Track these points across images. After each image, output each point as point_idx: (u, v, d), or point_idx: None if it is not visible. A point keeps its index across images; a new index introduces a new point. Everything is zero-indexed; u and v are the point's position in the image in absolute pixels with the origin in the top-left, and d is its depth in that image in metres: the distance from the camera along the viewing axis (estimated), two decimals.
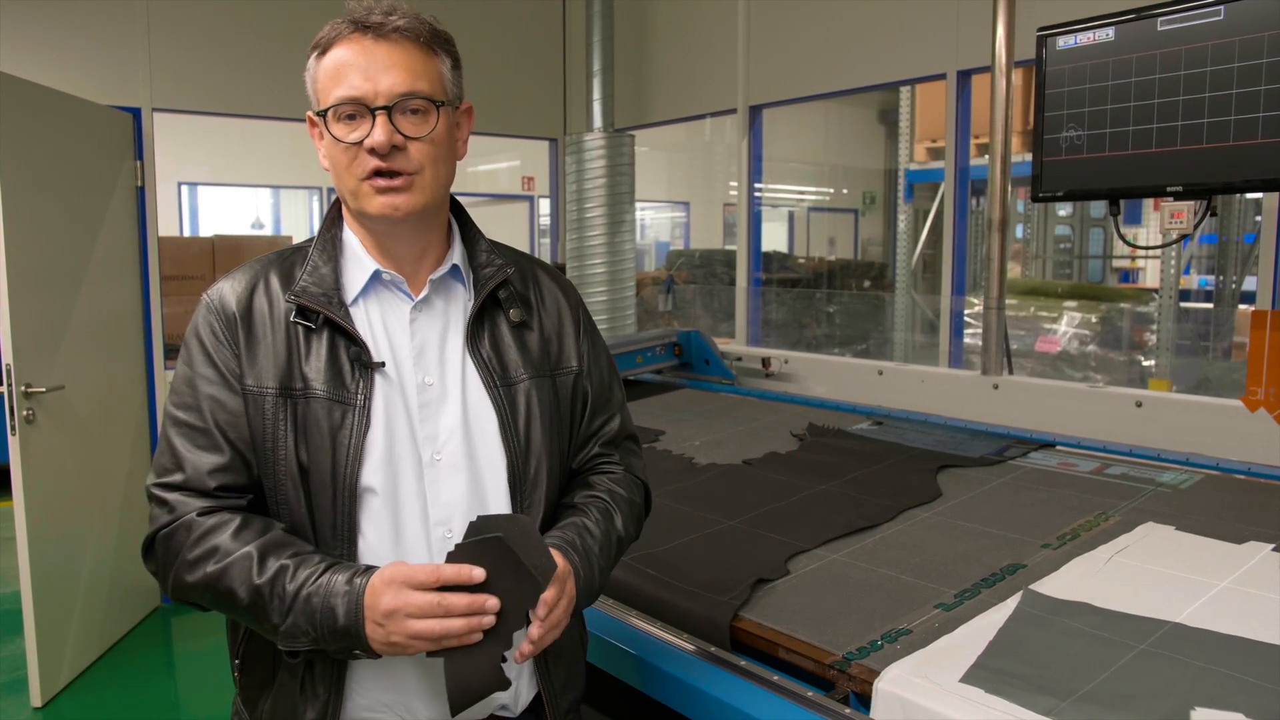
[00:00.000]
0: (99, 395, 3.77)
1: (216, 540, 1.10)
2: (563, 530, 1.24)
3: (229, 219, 10.41)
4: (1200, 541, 1.71)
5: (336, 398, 1.15)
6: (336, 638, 1.07)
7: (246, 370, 1.16)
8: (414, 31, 1.17)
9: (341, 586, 1.07)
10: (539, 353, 1.29)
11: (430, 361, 1.22)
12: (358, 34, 1.15)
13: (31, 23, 4.08)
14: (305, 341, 1.18)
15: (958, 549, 1.74)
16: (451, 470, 1.20)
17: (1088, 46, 2.21)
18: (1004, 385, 2.80)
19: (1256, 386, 2.22)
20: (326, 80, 1.16)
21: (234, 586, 1.09)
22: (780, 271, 7.90)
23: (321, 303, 1.18)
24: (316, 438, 1.15)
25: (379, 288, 1.23)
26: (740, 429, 2.75)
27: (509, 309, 1.28)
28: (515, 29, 5.69)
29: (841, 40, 4.45)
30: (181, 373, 1.19)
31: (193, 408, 1.16)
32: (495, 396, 1.23)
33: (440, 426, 1.20)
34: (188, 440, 1.15)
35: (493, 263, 1.28)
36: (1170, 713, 1.13)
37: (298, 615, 1.07)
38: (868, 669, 1.29)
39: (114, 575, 3.78)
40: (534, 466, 1.24)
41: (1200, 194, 2.11)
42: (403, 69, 1.15)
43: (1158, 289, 5.58)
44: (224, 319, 1.18)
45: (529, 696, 1.28)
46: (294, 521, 1.16)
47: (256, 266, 1.23)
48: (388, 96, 1.14)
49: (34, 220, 3.32)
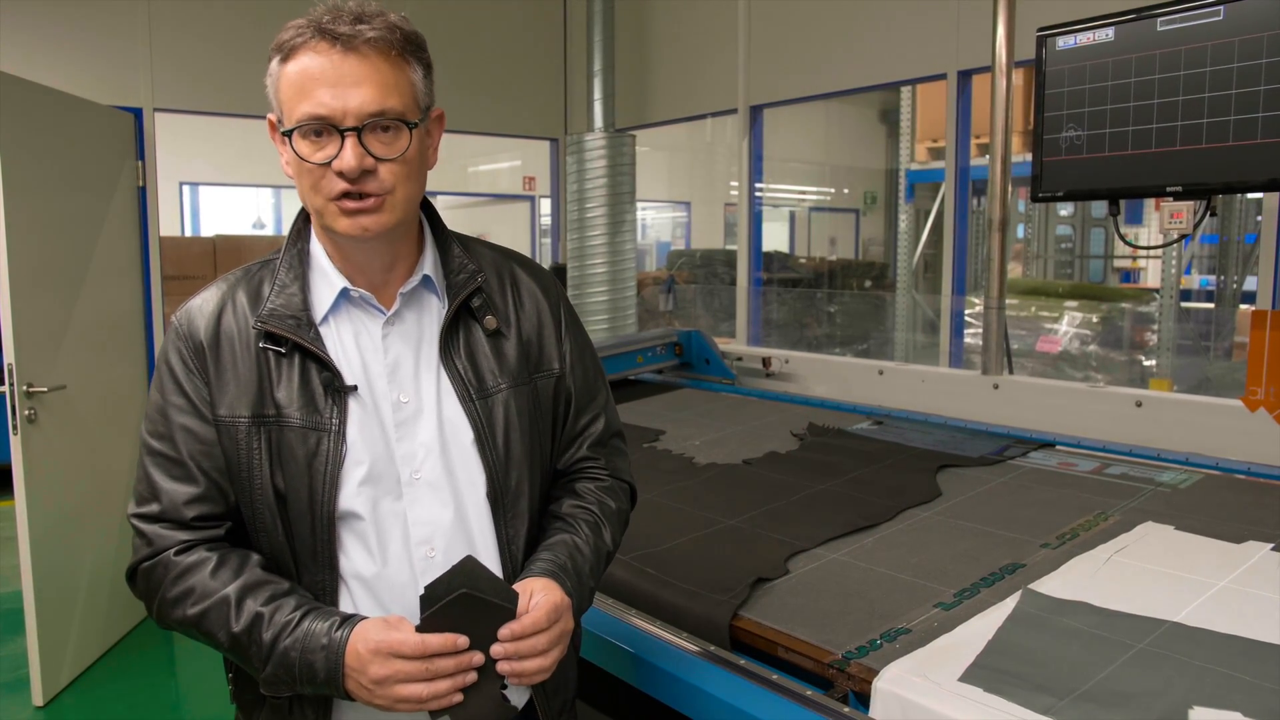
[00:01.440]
0: (100, 395, 3.77)
1: (193, 580, 1.09)
2: (553, 551, 1.21)
3: (230, 219, 10.42)
4: (1199, 541, 1.71)
5: (310, 424, 1.13)
6: (317, 689, 1.07)
7: (218, 399, 1.14)
8: (385, 42, 1.09)
9: (319, 640, 1.05)
10: (517, 359, 1.25)
11: (405, 378, 1.18)
12: (325, 43, 1.08)
13: (33, 23, 4.09)
14: (276, 367, 1.15)
15: (957, 548, 1.74)
16: (431, 488, 1.18)
17: (1087, 47, 2.21)
18: (1004, 385, 2.80)
19: (1256, 386, 2.22)
20: (291, 92, 1.09)
21: (214, 631, 1.08)
22: (781, 271, 7.91)
23: (290, 328, 1.14)
24: (292, 465, 1.12)
25: (348, 305, 1.19)
26: (740, 429, 2.76)
27: (484, 317, 1.23)
28: (516, 29, 5.69)
29: (842, 40, 4.45)
30: (154, 399, 1.17)
31: (165, 437, 1.14)
32: (470, 410, 1.19)
33: (417, 444, 1.18)
34: (162, 471, 1.14)
35: (465, 269, 1.24)
36: (1168, 711, 1.14)
37: (276, 666, 1.06)
38: (867, 668, 1.29)
39: (115, 575, 3.78)
40: (515, 479, 1.22)
41: (1200, 194, 2.12)
42: (373, 84, 1.08)
43: (1159, 289, 5.59)
44: (192, 347, 1.16)
45: (521, 701, 1.27)
46: (273, 547, 1.15)
47: (224, 286, 1.20)
48: (357, 116, 1.07)
49: (36, 220, 3.32)
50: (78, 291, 3.63)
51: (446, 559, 1.16)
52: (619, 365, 3.43)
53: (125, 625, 3.92)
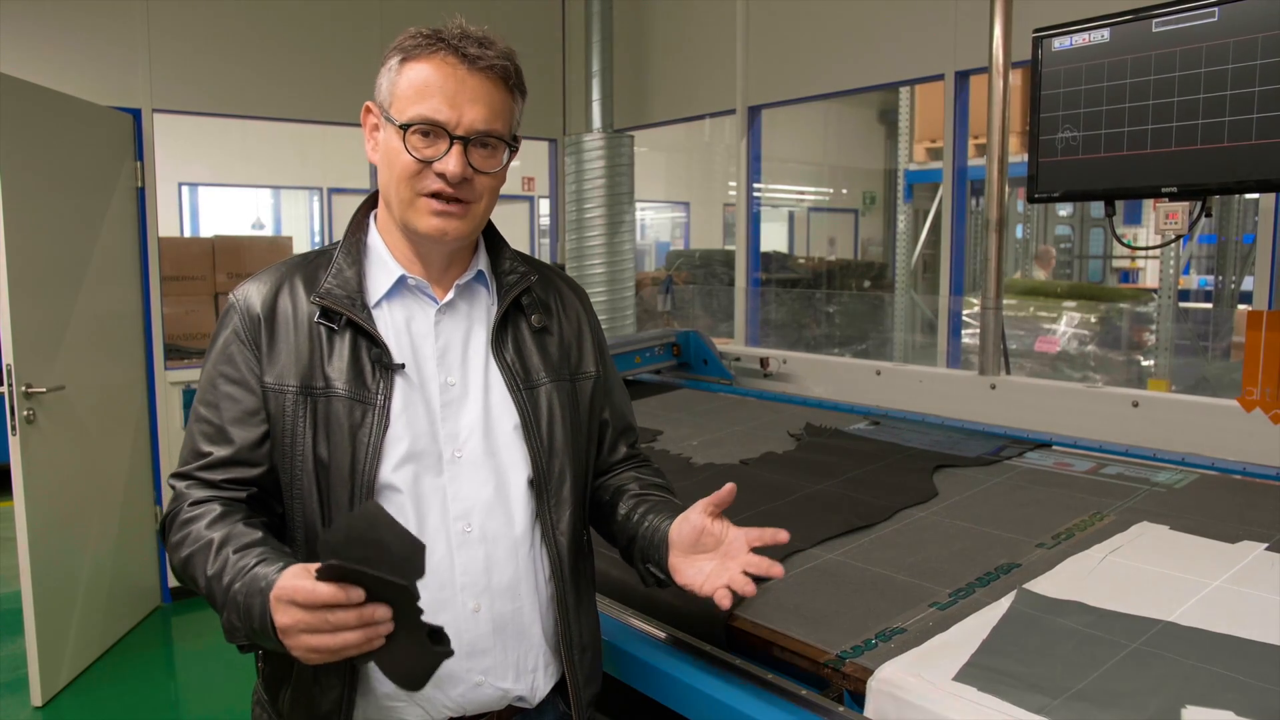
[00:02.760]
0: (99, 395, 3.78)
1: (192, 526, 1.14)
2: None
3: (229, 219, 10.40)
4: (1194, 541, 1.71)
5: (357, 397, 1.19)
6: (259, 638, 1.04)
7: (267, 368, 1.20)
8: (504, 72, 1.21)
9: (259, 584, 1.04)
10: (559, 357, 1.34)
11: (453, 362, 1.26)
12: (453, 57, 1.18)
13: (32, 23, 4.09)
14: (328, 342, 1.21)
15: (953, 548, 1.75)
16: (473, 467, 1.24)
17: (1083, 48, 2.22)
18: (1001, 385, 2.81)
19: (1252, 386, 2.22)
20: (410, 92, 1.18)
21: (196, 575, 1.12)
22: (780, 271, 7.91)
23: (344, 304, 1.21)
24: (337, 435, 1.18)
25: (404, 292, 1.27)
26: (738, 429, 2.76)
27: (531, 315, 1.33)
28: (514, 29, 5.69)
29: (840, 41, 4.45)
30: (206, 371, 1.23)
31: (211, 405, 1.21)
32: (518, 399, 1.27)
33: (461, 425, 1.24)
34: (202, 435, 1.20)
35: (516, 270, 1.33)
36: (1161, 711, 1.14)
37: (231, 611, 1.06)
38: (862, 667, 1.29)
39: (114, 575, 3.79)
40: (558, 466, 1.29)
41: (1195, 195, 2.12)
42: (487, 106, 1.19)
43: (1157, 289, 5.59)
44: (249, 319, 1.22)
45: (546, 688, 1.30)
46: (306, 515, 1.20)
47: (282, 269, 1.27)
48: (468, 129, 1.18)
49: (35, 221, 3.33)
50: (76, 292, 3.64)
51: (483, 534, 1.22)
52: (617, 365, 3.41)
53: (124, 625, 3.92)
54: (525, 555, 1.27)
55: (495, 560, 1.24)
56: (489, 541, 1.23)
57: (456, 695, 1.22)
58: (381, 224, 1.30)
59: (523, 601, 1.26)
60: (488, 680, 1.23)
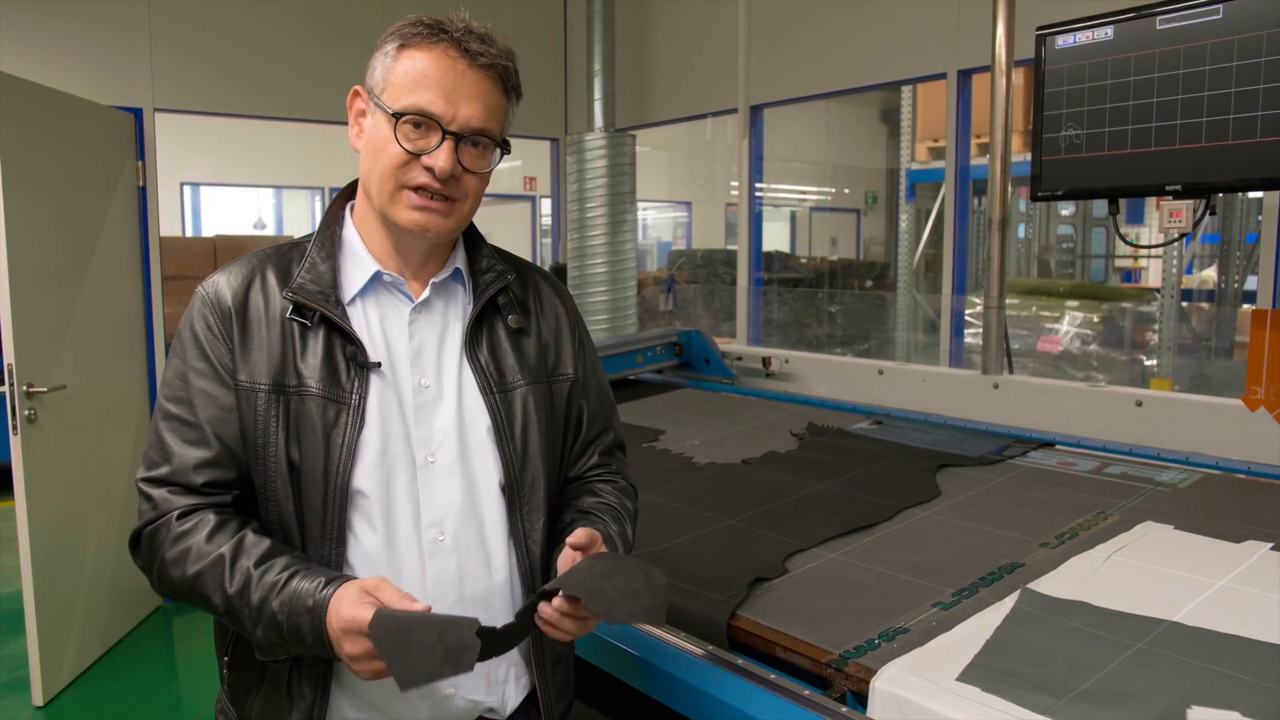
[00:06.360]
0: (100, 395, 3.77)
1: (191, 541, 1.09)
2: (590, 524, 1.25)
3: (231, 219, 10.42)
4: (1198, 540, 1.71)
5: (331, 396, 1.14)
6: (310, 651, 1.06)
7: (240, 365, 1.15)
8: (503, 72, 1.18)
9: (305, 602, 1.04)
10: (536, 359, 1.29)
11: (428, 363, 1.21)
12: (454, 50, 1.14)
13: (33, 23, 4.09)
14: (301, 339, 1.16)
15: (956, 548, 1.74)
16: (445, 473, 1.19)
17: (1086, 45, 2.21)
18: (1004, 385, 2.80)
19: (1256, 386, 2.21)
20: (406, 81, 1.14)
21: (209, 594, 1.08)
22: (782, 271, 7.91)
23: (318, 300, 1.16)
24: (309, 436, 1.13)
25: (378, 288, 1.22)
26: (740, 428, 2.75)
27: (508, 315, 1.27)
28: (516, 29, 5.65)
29: (842, 40, 4.45)
30: (174, 365, 1.17)
31: (183, 401, 1.15)
32: (491, 402, 1.22)
33: (435, 429, 1.20)
34: (176, 434, 1.14)
35: (494, 269, 1.28)
36: (1166, 711, 1.13)
37: (267, 629, 1.05)
38: (865, 668, 1.29)
39: (115, 575, 3.79)
40: (530, 472, 1.24)
41: (1199, 193, 2.11)
42: (483, 104, 1.16)
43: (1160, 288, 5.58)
44: (219, 313, 1.16)
45: (517, 700, 1.27)
46: (282, 518, 1.15)
47: (254, 261, 1.21)
48: (462, 125, 1.14)
49: (36, 220, 3.32)
50: (78, 292, 3.63)
51: (455, 543, 1.19)
52: (619, 365, 3.43)
53: (125, 625, 3.92)
54: (498, 565, 1.23)
55: (468, 570, 1.20)
56: (461, 550, 1.19)
57: (427, 707, 1.19)
58: (358, 216, 1.24)
59: (495, 612, 1.21)
60: (459, 693, 1.20)
